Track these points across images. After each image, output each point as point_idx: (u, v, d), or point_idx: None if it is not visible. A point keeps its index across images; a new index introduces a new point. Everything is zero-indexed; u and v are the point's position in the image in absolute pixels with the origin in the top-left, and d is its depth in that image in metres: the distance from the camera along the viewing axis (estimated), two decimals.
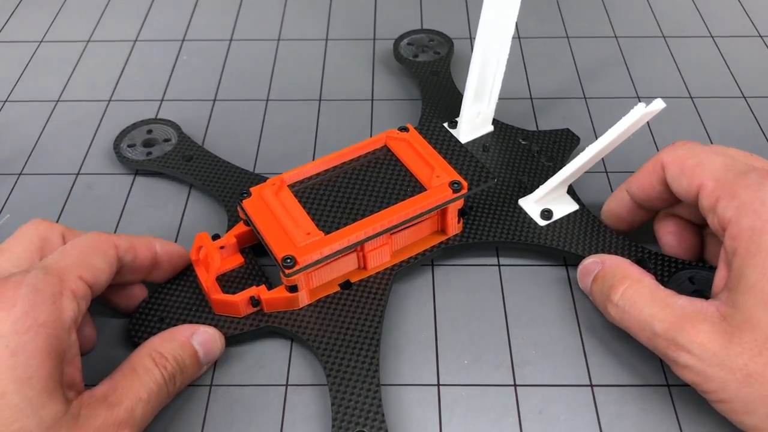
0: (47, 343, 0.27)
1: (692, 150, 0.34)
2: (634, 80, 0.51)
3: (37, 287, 0.28)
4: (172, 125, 0.46)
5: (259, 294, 0.35)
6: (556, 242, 0.38)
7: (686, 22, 0.57)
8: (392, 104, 0.50)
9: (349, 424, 0.31)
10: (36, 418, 0.25)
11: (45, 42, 0.56)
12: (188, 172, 0.43)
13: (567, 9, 0.58)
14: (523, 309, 0.37)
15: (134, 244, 0.34)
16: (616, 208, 0.38)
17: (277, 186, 0.37)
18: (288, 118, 0.49)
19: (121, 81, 0.52)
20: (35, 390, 0.26)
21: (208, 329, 0.34)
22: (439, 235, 0.38)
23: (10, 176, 0.45)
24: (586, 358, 0.35)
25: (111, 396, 0.29)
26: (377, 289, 0.36)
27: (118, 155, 0.45)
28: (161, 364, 0.31)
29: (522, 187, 0.41)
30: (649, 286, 0.32)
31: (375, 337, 0.34)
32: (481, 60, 0.40)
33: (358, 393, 0.32)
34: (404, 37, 0.53)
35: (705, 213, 0.32)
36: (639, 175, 0.36)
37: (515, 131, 0.45)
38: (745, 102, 0.49)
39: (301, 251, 0.33)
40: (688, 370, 0.30)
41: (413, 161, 0.38)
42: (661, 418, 0.33)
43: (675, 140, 0.35)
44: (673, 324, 0.30)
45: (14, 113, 0.50)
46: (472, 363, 0.35)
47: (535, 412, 0.33)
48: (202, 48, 0.55)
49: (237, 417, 0.33)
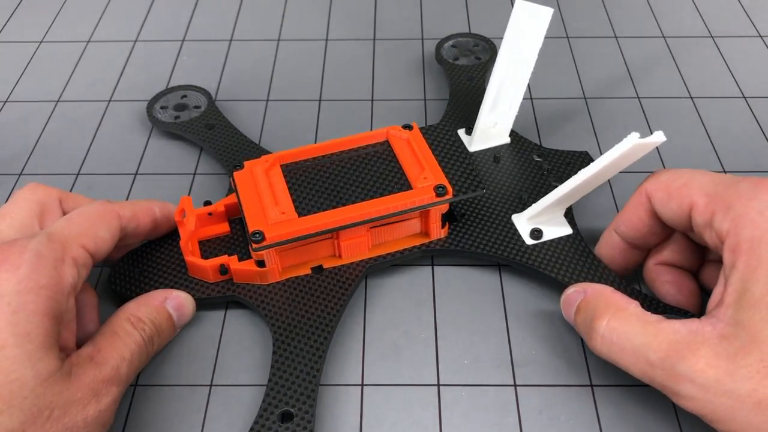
0: (47, 305, 0.28)
1: (675, 173, 0.32)
2: (634, 81, 0.51)
3: (40, 252, 0.29)
4: (205, 93, 0.48)
5: (229, 263, 0.36)
6: (538, 264, 0.37)
7: (686, 23, 0.57)
8: (392, 104, 0.50)
9: (279, 402, 0.31)
10: (33, 370, 0.27)
11: (45, 42, 0.56)
12: (206, 140, 0.45)
13: (565, 9, 0.58)
14: (522, 309, 0.37)
15: (136, 213, 0.36)
16: (607, 252, 0.36)
17: (270, 163, 0.37)
18: (288, 118, 0.49)
19: (121, 81, 0.52)
20: (33, 345, 0.27)
21: (180, 294, 0.36)
22: (422, 237, 0.38)
23: (10, 176, 0.45)
24: (586, 358, 0.35)
25: (96, 356, 0.30)
26: (347, 278, 0.36)
27: (150, 115, 0.47)
28: (140, 327, 0.33)
29: (521, 203, 0.40)
30: (636, 313, 0.30)
31: (331, 325, 0.34)
32: (503, 69, 0.40)
33: (296, 375, 0.32)
34: (449, 39, 0.52)
35: (701, 231, 0.31)
36: (625, 213, 0.35)
37: (531, 146, 0.44)
38: (745, 102, 0.49)
39: (271, 228, 0.34)
40: (692, 401, 0.27)
41: (408, 160, 0.38)
42: (661, 418, 0.33)
43: (675, 139, 0.35)
44: (670, 352, 0.28)
45: (14, 113, 0.50)
46: (472, 363, 0.35)
47: (535, 412, 0.33)
48: (202, 48, 0.55)
49: (237, 417, 0.33)
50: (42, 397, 0.27)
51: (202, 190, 0.44)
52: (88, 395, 0.28)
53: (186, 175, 0.45)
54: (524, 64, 0.40)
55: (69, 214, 0.33)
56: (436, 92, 0.51)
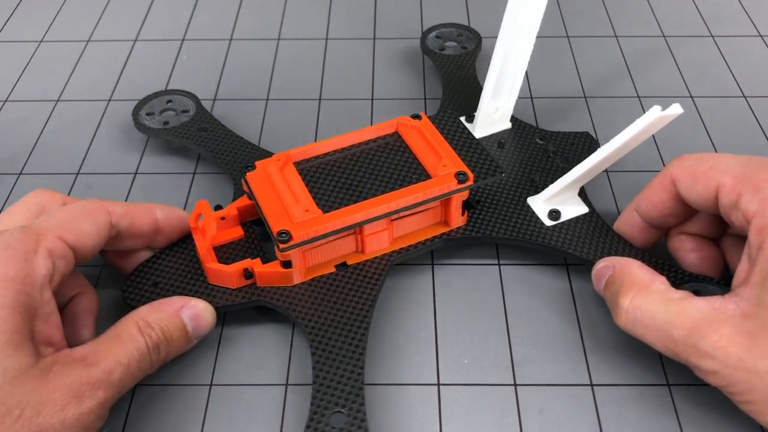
0: (15, 298, 0.27)
1: (701, 157, 0.33)
2: (634, 80, 0.51)
3: (9, 244, 0.29)
4: (191, 97, 0.47)
5: (253, 266, 0.35)
6: (561, 243, 0.37)
7: (686, 22, 0.57)
8: (392, 103, 0.50)
9: (329, 404, 0.31)
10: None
11: (45, 42, 0.56)
12: (200, 143, 0.43)
13: (565, 8, 0.58)
14: (523, 309, 0.37)
15: (131, 211, 0.34)
16: (626, 230, 0.37)
17: (282, 162, 0.37)
18: (288, 118, 0.49)
19: (121, 81, 0.52)
20: (0, 342, 0.26)
21: (200, 303, 0.34)
22: (442, 226, 0.38)
23: (10, 176, 0.45)
24: (586, 358, 0.35)
25: (90, 357, 0.29)
26: (373, 273, 0.36)
27: (136, 123, 0.45)
28: (146, 333, 0.31)
29: (533, 185, 0.40)
30: (660, 291, 0.31)
31: (365, 320, 0.34)
32: (502, 55, 0.40)
33: (341, 374, 0.32)
34: (432, 30, 0.52)
35: (727, 212, 0.32)
36: (648, 194, 0.36)
37: (533, 130, 0.44)
38: (746, 102, 0.49)
39: (297, 227, 0.34)
40: (713, 375, 0.29)
41: (422, 149, 0.38)
42: (661, 418, 0.33)
43: (675, 140, 0.35)
44: (692, 329, 0.29)
45: (14, 113, 0.50)
46: (472, 363, 0.35)
47: (535, 412, 0.33)
48: (202, 48, 0.55)
49: (237, 417, 0.33)
50: (9, 395, 0.26)
51: (202, 190, 0.44)
52: (68, 396, 0.27)
53: (186, 175, 0.45)
54: (523, 47, 0.40)
55: (52, 210, 0.32)
56: (436, 91, 0.51)
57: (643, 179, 0.43)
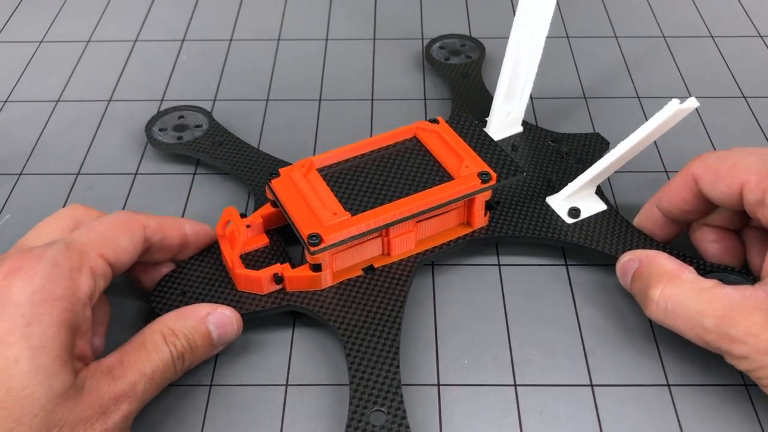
0: (62, 316, 0.27)
1: (722, 155, 0.33)
2: (634, 80, 0.51)
3: (56, 261, 0.28)
4: (204, 112, 0.47)
5: (282, 271, 0.35)
6: (584, 240, 0.38)
7: (686, 23, 0.57)
8: (392, 104, 0.50)
9: (367, 403, 0.31)
10: (46, 386, 0.26)
11: (45, 42, 0.56)
12: (219, 157, 0.44)
13: (565, 8, 0.58)
14: (523, 309, 0.37)
15: (163, 225, 0.34)
16: (647, 225, 0.38)
17: (306, 168, 0.37)
18: (288, 118, 0.49)
19: (121, 81, 0.52)
20: (48, 359, 0.26)
21: (226, 311, 0.34)
22: (465, 227, 0.39)
23: (10, 176, 0.45)
24: (586, 358, 0.35)
25: (116, 369, 0.29)
26: (400, 275, 0.37)
27: (150, 138, 0.45)
28: (171, 342, 0.31)
29: (550, 185, 0.41)
30: (690, 280, 0.31)
31: (397, 321, 0.34)
32: (513, 59, 0.40)
33: (377, 374, 0.32)
34: (436, 41, 0.53)
35: (752, 209, 0.32)
36: (669, 191, 0.36)
37: (544, 133, 0.45)
38: (745, 102, 0.49)
39: (327, 230, 0.34)
40: (744, 361, 0.29)
41: (442, 152, 0.38)
42: (661, 418, 0.33)
43: (675, 140, 0.35)
44: (723, 317, 0.29)
45: (14, 113, 0.50)
46: (472, 363, 0.35)
47: (535, 412, 0.33)
48: (202, 48, 0.55)
49: (237, 417, 0.33)
50: (52, 415, 0.26)
51: (202, 190, 0.44)
52: (97, 413, 0.27)
53: (186, 175, 0.45)
54: (533, 50, 0.41)
55: (90, 223, 0.32)
56: (436, 91, 0.51)
57: (644, 180, 0.44)
